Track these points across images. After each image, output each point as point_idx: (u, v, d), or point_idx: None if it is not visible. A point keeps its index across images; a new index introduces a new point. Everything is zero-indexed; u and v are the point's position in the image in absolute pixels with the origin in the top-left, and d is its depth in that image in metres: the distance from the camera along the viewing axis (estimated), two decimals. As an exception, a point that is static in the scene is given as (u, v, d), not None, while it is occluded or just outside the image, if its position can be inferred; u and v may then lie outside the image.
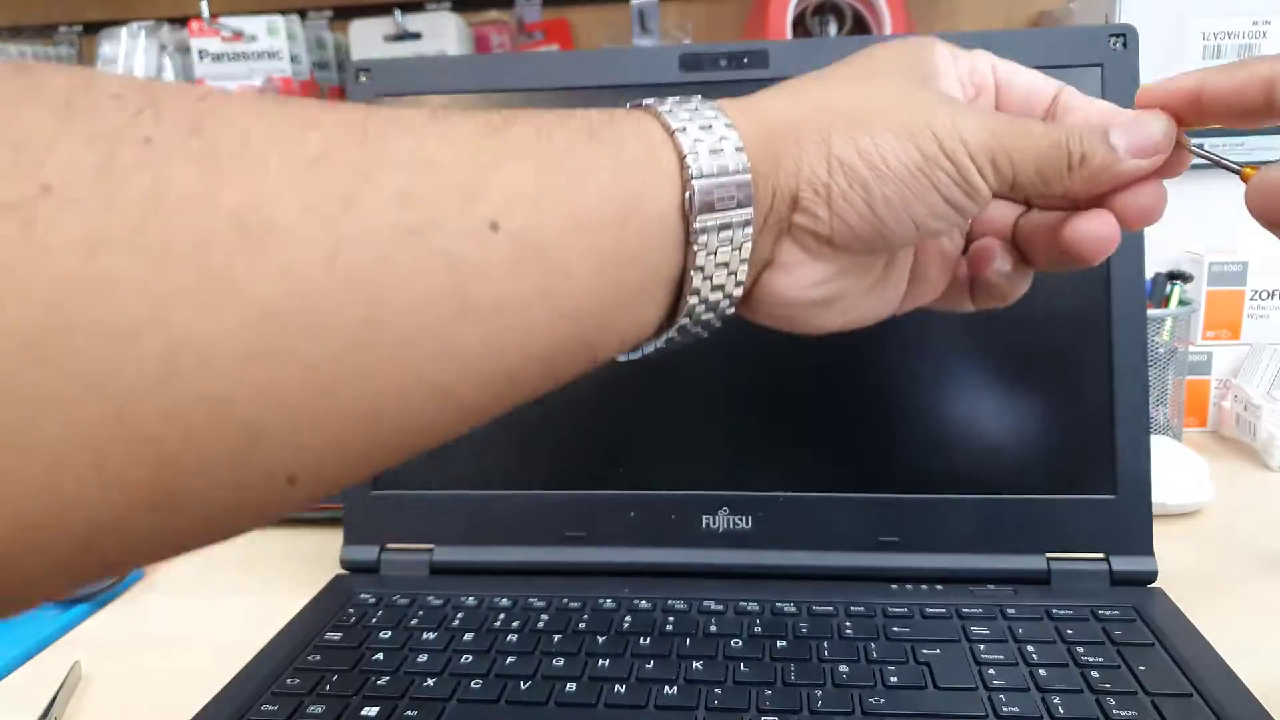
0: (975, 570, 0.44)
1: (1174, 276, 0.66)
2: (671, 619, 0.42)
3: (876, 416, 0.46)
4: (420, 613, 0.43)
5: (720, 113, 0.25)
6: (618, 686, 0.37)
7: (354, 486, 0.48)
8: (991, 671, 0.37)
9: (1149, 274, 0.65)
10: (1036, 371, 0.45)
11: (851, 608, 0.42)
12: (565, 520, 0.47)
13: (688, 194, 0.24)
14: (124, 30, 0.82)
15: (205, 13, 0.79)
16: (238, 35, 0.80)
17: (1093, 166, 0.26)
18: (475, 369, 0.21)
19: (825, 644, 0.39)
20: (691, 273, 0.24)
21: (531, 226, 0.21)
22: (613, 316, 0.24)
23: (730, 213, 0.24)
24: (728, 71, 0.47)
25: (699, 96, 0.26)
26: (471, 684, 0.37)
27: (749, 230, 0.25)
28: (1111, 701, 0.34)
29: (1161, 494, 0.53)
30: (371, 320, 0.19)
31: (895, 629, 0.40)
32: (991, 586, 0.44)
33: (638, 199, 0.23)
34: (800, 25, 0.76)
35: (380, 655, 0.40)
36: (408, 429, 0.21)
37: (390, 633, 0.41)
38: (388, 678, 0.38)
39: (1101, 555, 0.44)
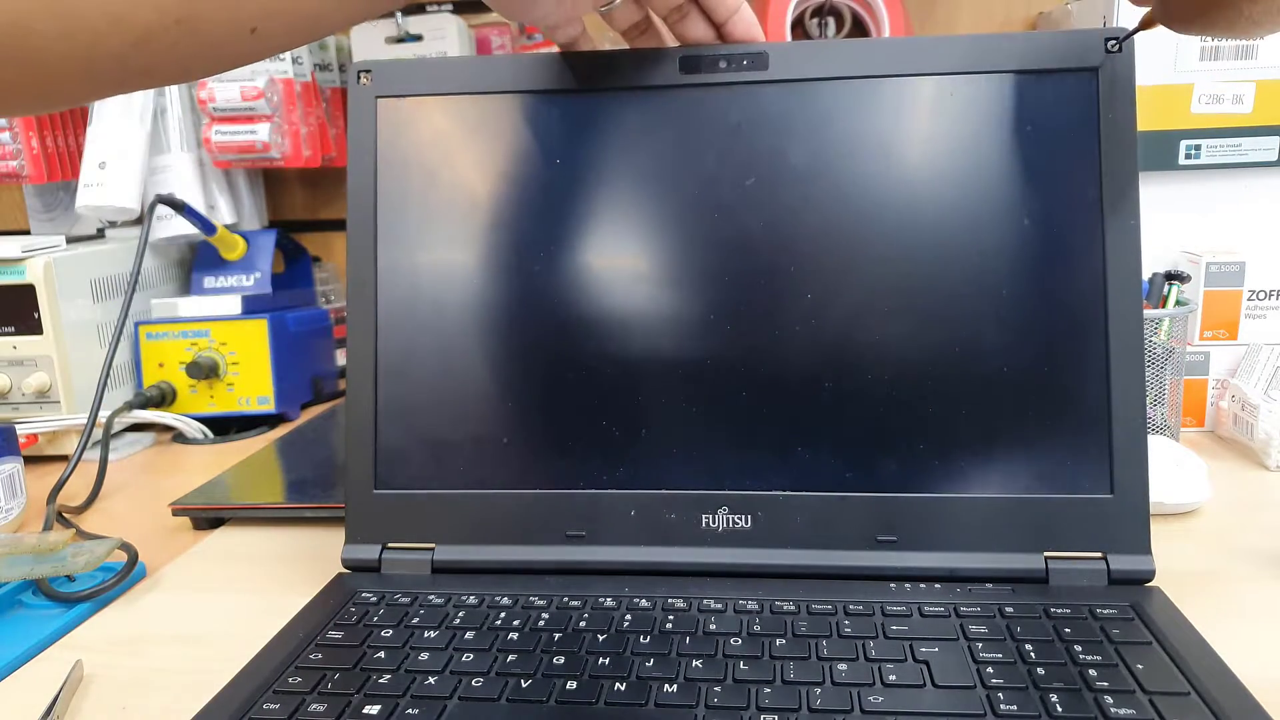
0: (973, 569, 0.44)
1: (1171, 277, 0.66)
2: (671, 618, 0.42)
3: (875, 416, 0.46)
4: (421, 611, 0.43)
5: None
6: (617, 685, 0.37)
7: (356, 486, 0.48)
8: (990, 670, 0.37)
9: (1146, 274, 0.66)
10: (1035, 371, 0.45)
11: (850, 606, 0.42)
12: (566, 519, 0.47)
13: None
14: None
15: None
16: (239, 37, 0.80)
17: None
18: None
19: (824, 642, 0.39)
20: None
21: None
22: None
23: None
24: (727, 73, 0.47)
25: None
26: (472, 682, 0.37)
27: None
28: (1109, 700, 0.35)
29: (1159, 493, 0.53)
30: None
31: (894, 627, 0.40)
32: (989, 585, 0.44)
33: None
34: (799, 27, 0.76)
35: (382, 654, 0.40)
36: None
37: (391, 631, 0.42)
38: (389, 676, 0.38)
39: (1099, 554, 0.44)
